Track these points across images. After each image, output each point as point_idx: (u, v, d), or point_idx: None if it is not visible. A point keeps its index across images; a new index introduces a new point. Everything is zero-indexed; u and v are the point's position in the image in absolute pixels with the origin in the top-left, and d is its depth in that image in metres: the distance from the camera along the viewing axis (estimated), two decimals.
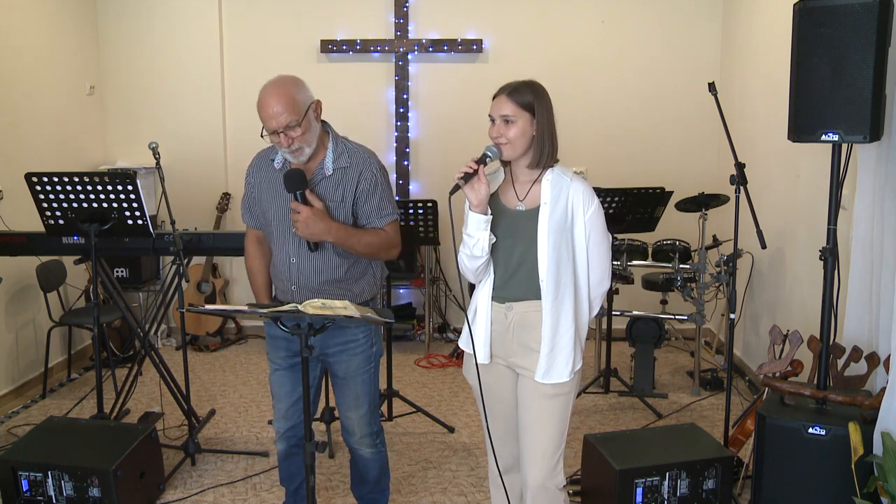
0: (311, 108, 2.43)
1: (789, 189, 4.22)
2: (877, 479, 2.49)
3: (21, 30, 4.59)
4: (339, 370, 2.64)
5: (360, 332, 2.61)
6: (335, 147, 2.53)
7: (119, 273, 5.19)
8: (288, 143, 2.40)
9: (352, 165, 2.53)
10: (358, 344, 2.61)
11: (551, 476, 2.35)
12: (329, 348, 2.60)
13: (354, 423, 2.70)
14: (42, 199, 3.29)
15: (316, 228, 2.42)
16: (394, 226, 2.63)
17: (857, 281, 3.02)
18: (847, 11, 2.63)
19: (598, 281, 2.39)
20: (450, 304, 5.73)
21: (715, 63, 5.45)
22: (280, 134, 2.38)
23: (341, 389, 2.68)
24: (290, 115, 2.35)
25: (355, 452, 2.79)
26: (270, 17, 5.52)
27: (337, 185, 2.52)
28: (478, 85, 5.40)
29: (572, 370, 2.33)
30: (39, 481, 2.98)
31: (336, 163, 2.52)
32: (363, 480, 2.86)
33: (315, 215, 2.41)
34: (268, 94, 2.38)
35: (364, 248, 2.55)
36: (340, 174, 2.52)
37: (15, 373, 4.51)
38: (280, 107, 2.34)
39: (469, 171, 2.24)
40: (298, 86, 2.42)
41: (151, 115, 5.56)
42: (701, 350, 4.67)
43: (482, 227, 2.28)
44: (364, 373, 2.65)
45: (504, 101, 2.28)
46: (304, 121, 2.38)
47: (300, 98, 2.39)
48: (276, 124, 2.36)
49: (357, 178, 2.52)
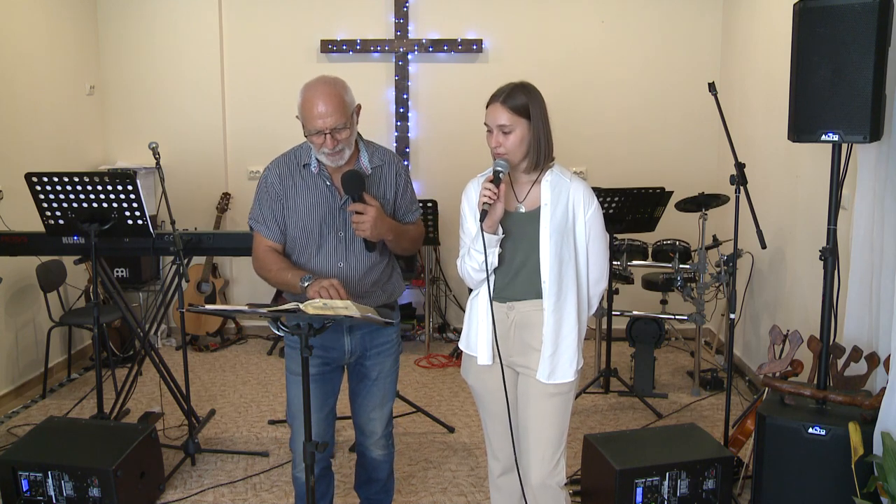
0: (355, 110, 2.40)
1: (789, 189, 4.22)
2: (877, 479, 2.49)
3: (21, 30, 4.59)
4: (374, 371, 2.60)
5: (393, 333, 2.62)
6: (367, 147, 2.51)
7: (119, 273, 5.19)
8: (333, 145, 2.33)
9: (386, 163, 2.53)
10: (392, 344, 2.62)
11: (553, 474, 2.35)
12: (368, 350, 2.58)
13: (377, 423, 2.65)
14: (42, 199, 3.29)
15: (382, 228, 2.39)
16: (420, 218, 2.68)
17: (857, 281, 3.02)
18: (847, 11, 2.62)
19: (597, 280, 2.40)
20: (450, 304, 5.73)
21: (715, 63, 5.44)
22: (326, 135, 2.31)
23: (370, 390, 2.63)
24: (340, 116, 2.30)
25: (368, 454, 2.73)
26: (270, 17, 5.52)
27: (378, 184, 2.51)
28: (478, 85, 5.38)
29: (576, 370, 2.35)
30: (39, 481, 2.98)
31: (371, 161, 2.49)
32: (371, 480, 2.81)
33: (381, 214, 2.38)
34: (318, 93, 2.30)
35: (409, 244, 2.57)
36: (378, 172, 2.51)
37: (15, 373, 4.51)
38: (331, 107, 2.29)
39: (493, 197, 2.20)
40: (346, 87, 2.37)
41: (151, 115, 5.56)
42: (701, 350, 4.67)
43: (493, 245, 2.28)
44: (393, 372, 2.66)
45: (499, 109, 2.26)
46: (350, 123, 2.35)
47: (348, 99, 2.35)
48: (324, 125, 2.29)
49: (395, 175, 2.53)
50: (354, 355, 2.58)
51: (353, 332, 2.55)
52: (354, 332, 2.56)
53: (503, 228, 2.31)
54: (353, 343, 2.56)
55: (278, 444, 3.84)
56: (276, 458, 3.69)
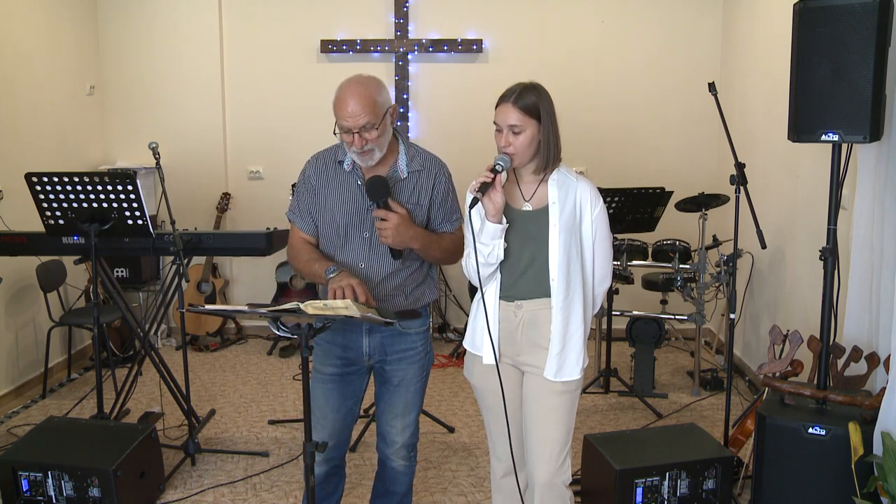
0: (388, 111, 2.37)
1: (789, 189, 4.22)
2: (877, 479, 2.49)
3: (21, 30, 4.59)
4: (395, 377, 2.55)
5: (418, 340, 2.55)
6: (407, 150, 2.48)
7: (119, 273, 5.19)
8: (361, 144, 2.31)
9: (425, 169, 2.48)
10: (417, 352, 2.55)
11: (558, 473, 2.35)
12: (388, 355, 2.53)
13: (399, 431, 2.58)
14: (42, 199, 3.29)
15: (405, 236, 2.36)
16: (461, 229, 2.54)
17: (857, 281, 3.02)
18: (847, 11, 2.62)
19: (601, 279, 2.40)
20: (450, 304, 5.73)
21: (715, 63, 5.44)
22: (354, 134, 2.30)
23: (392, 396, 2.57)
24: (369, 115, 2.28)
25: (388, 463, 2.66)
26: (270, 17, 5.52)
27: (413, 190, 2.47)
28: (478, 85, 5.41)
29: (582, 367, 2.36)
30: (39, 481, 2.98)
31: (410, 166, 2.46)
32: (388, 493, 2.73)
33: (405, 222, 2.35)
34: (349, 91, 2.30)
35: (441, 254, 2.49)
36: (415, 177, 2.47)
37: (15, 373, 4.51)
38: (360, 106, 2.27)
39: (486, 180, 2.20)
40: (380, 87, 2.36)
41: (151, 115, 5.56)
42: (701, 350, 4.67)
43: (497, 236, 2.27)
44: (419, 381, 2.58)
45: (510, 109, 2.25)
46: (381, 124, 2.32)
47: (381, 100, 2.33)
48: (353, 123, 2.28)
49: (433, 182, 2.48)
50: (374, 358, 2.54)
51: (373, 333, 2.51)
52: (374, 334, 2.51)
53: (510, 226, 2.31)
54: (372, 345, 2.51)
55: (278, 444, 3.84)
56: (276, 458, 3.69)
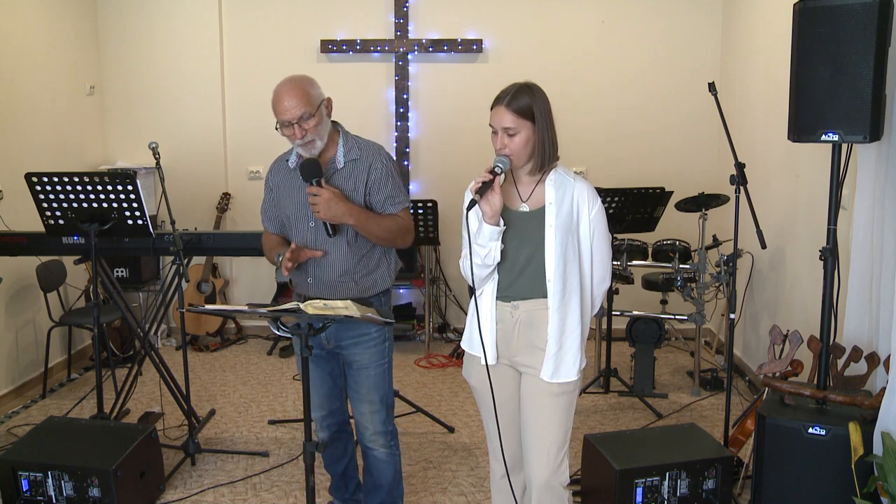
0: (323, 103, 2.56)
1: (789, 189, 4.22)
2: (877, 479, 2.49)
3: (21, 30, 4.59)
4: (354, 362, 2.70)
5: (372, 326, 2.66)
6: (345, 142, 2.64)
7: (119, 273, 5.19)
8: (301, 135, 2.50)
9: (362, 157, 2.63)
10: (370, 338, 2.68)
11: (556, 474, 2.35)
12: (342, 341, 2.67)
13: (367, 416, 2.73)
14: (42, 199, 3.29)
15: (337, 210, 2.50)
16: (407, 212, 2.71)
17: (857, 281, 3.02)
18: (847, 11, 2.62)
19: (600, 279, 2.40)
20: (450, 304, 5.73)
21: (715, 63, 5.44)
22: (294, 126, 2.49)
23: (353, 381, 2.73)
24: (304, 106, 2.48)
25: (369, 453, 2.79)
26: (270, 17, 5.52)
27: (349, 177, 2.62)
28: (478, 85, 5.40)
29: (579, 369, 2.35)
30: (39, 481, 2.98)
31: (347, 156, 2.62)
32: (377, 486, 2.84)
33: (336, 196, 2.51)
34: (283, 89, 2.50)
35: (382, 232, 2.61)
36: (351, 166, 2.62)
37: (15, 373, 4.51)
38: (294, 100, 2.47)
39: (485, 180, 2.20)
40: (312, 82, 2.57)
41: (151, 115, 5.56)
42: (701, 350, 4.67)
43: (494, 238, 2.27)
44: (378, 365, 2.71)
45: (504, 112, 2.25)
46: (316, 113, 2.51)
47: (314, 92, 2.53)
48: (291, 116, 2.47)
49: (368, 169, 2.61)
50: (331, 343, 2.70)
51: None
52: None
53: (507, 227, 2.31)
54: (328, 331, 2.64)
55: (278, 444, 3.84)
56: (276, 458, 3.69)
